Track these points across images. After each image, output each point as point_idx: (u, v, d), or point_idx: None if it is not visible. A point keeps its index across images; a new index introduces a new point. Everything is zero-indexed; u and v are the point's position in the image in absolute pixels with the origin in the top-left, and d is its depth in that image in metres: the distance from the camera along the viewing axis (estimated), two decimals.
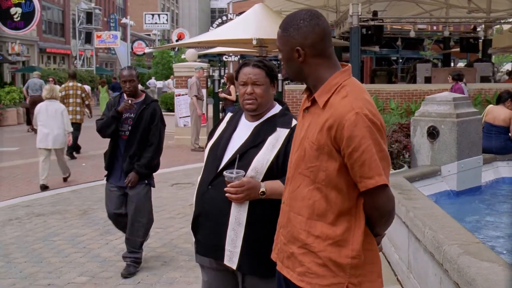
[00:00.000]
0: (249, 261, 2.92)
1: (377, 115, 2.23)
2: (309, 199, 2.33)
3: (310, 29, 2.30)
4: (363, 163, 2.17)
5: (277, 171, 2.90)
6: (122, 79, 5.36)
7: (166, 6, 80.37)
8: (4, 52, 36.00)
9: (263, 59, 3.12)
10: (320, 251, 2.31)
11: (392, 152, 7.08)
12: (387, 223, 2.35)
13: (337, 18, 20.68)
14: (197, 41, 21.10)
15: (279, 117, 3.04)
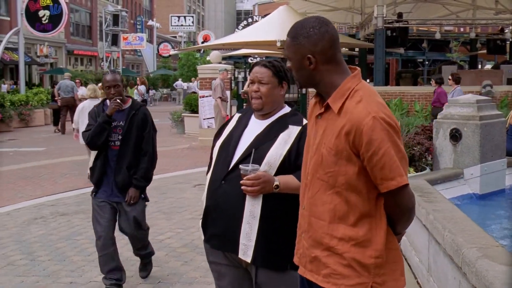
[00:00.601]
0: (264, 254, 2.98)
1: (392, 117, 2.27)
2: (330, 203, 2.37)
3: (320, 36, 2.33)
4: (383, 166, 2.22)
5: (289, 166, 2.98)
6: (106, 84, 4.88)
7: (192, 8, 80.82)
8: (32, 54, 36.62)
9: (275, 60, 3.17)
10: (344, 252, 2.35)
11: (414, 155, 7.04)
12: (409, 220, 2.42)
13: (362, 20, 20.59)
14: (221, 43, 21.22)
15: (290, 116, 3.14)
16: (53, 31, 23.83)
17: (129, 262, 5.85)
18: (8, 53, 31.64)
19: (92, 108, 5.11)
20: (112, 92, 4.88)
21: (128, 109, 4.98)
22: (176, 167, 12.13)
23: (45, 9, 22.98)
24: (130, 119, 4.92)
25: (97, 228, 4.95)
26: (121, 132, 4.90)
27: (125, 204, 4.93)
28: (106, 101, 5.04)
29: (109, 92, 4.89)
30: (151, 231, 6.92)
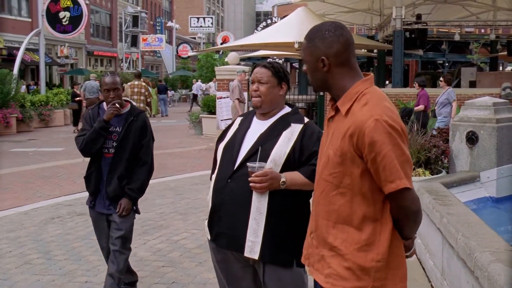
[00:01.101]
0: (271, 250, 3.04)
1: (398, 120, 2.30)
2: (334, 204, 2.41)
3: (335, 39, 2.39)
4: (384, 168, 2.26)
5: (294, 163, 3.08)
6: (105, 87, 4.48)
7: (211, 10, 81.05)
8: (53, 55, 37.01)
9: (276, 62, 3.34)
10: (346, 254, 2.38)
11: (430, 157, 7.00)
12: (415, 224, 2.42)
13: (381, 21, 20.51)
14: (239, 44, 21.23)
15: (292, 115, 3.25)
16: (73, 32, 24.07)
17: (143, 263, 5.90)
18: (29, 54, 32.00)
19: (86, 111, 4.80)
20: (111, 96, 4.48)
21: (126, 114, 4.57)
22: (193, 168, 12.17)
23: (66, 10, 23.24)
24: (127, 126, 4.52)
25: (99, 240, 4.76)
26: (117, 138, 4.49)
27: (116, 215, 4.51)
28: (102, 104, 4.66)
29: (107, 96, 4.49)
30: (166, 232, 7.05)
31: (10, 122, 19.79)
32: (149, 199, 8.99)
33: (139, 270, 5.65)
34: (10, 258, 6.14)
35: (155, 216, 7.88)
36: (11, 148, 16.16)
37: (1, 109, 19.42)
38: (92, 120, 4.53)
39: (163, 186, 10.17)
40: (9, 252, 6.34)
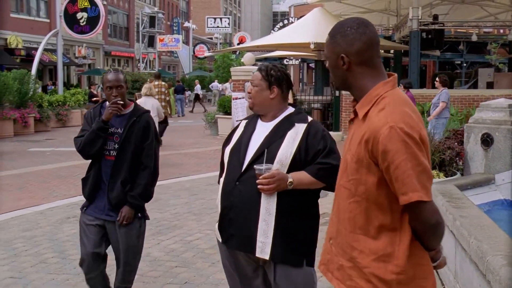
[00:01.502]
0: (281, 250, 3.09)
1: (416, 127, 2.15)
2: (350, 212, 2.31)
3: (357, 36, 2.28)
4: (397, 179, 2.13)
5: (300, 163, 3.13)
6: (107, 84, 4.19)
7: (228, 10, 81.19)
8: (71, 55, 37.33)
9: (274, 66, 3.36)
10: (364, 267, 2.27)
11: (444, 159, 6.96)
12: (434, 237, 2.27)
13: (398, 21, 20.43)
14: (256, 44, 21.30)
15: (295, 115, 3.30)
16: (90, 33, 24.26)
17: (157, 263, 5.93)
18: (47, 54, 32.31)
19: (88, 110, 4.45)
20: (113, 94, 4.16)
21: (129, 114, 4.27)
22: (208, 168, 12.20)
23: (83, 11, 23.43)
24: (129, 126, 4.22)
25: (82, 249, 4.30)
26: (118, 140, 4.20)
27: (118, 224, 4.22)
28: (106, 103, 4.31)
29: (110, 94, 4.18)
30: (180, 232, 7.08)
31: (28, 122, 19.98)
32: (163, 199, 9.05)
33: (152, 270, 5.71)
34: (26, 257, 6.21)
35: (169, 216, 7.92)
36: (28, 147, 16.31)
37: (19, 109, 19.61)
38: (92, 120, 4.25)
39: (178, 186, 10.22)
40: (25, 251, 6.41)
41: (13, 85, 19.01)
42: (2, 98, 18.66)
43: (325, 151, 3.13)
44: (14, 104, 19.57)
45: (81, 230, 4.34)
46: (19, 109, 19.62)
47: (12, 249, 6.48)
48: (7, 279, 5.53)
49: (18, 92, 19.49)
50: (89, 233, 4.26)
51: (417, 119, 2.21)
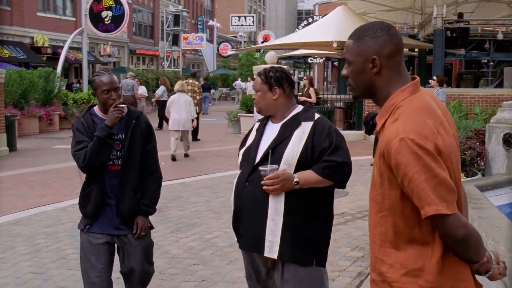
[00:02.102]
0: (289, 248, 3.12)
1: (431, 137, 2.03)
2: (381, 226, 2.23)
3: (388, 38, 2.18)
4: (412, 192, 2.04)
5: (307, 162, 3.15)
6: (104, 87, 3.79)
7: (253, 8, 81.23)
8: (96, 53, 37.71)
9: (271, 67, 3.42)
10: (394, 281, 2.18)
11: (465, 159, 6.89)
12: (467, 250, 2.11)
13: (422, 20, 20.24)
14: (279, 43, 21.27)
15: (302, 114, 3.32)
16: (115, 32, 24.46)
17: (175, 260, 5.97)
18: (73, 52, 32.65)
19: (76, 119, 3.96)
20: (112, 97, 3.79)
21: (126, 117, 3.87)
22: (230, 166, 12.23)
23: (108, 10, 23.64)
24: (132, 131, 3.88)
25: (90, 272, 3.85)
26: (121, 147, 3.84)
27: (132, 237, 3.90)
28: (93, 109, 3.95)
29: (108, 97, 3.79)
30: (199, 230, 7.13)
31: (53, 119, 20.24)
32: (184, 197, 9.11)
33: (170, 268, 5.76)
34: (47, 252, 6.30)
35: (189, 214, 7.96)
36: (53, 144, 16.53)
37: (45, 107, 19.87)
38: (87, 129, 3.81)
39: (199, 184, 10.27)
40: (46, 247, 6.51)
41: (39, 83, 19.25)
42: (28, 95, 18.91)
43: (330, 148, 3.13)
44: (39, 102, 19.84)
45: (85, 252, 3.87)
46: (44, 106, 19.88)
47: (34, 245, 6.59)
48: (28, 274, 5.62)
49: (43, 90, 19.74)
50: (98, 251, 3.83)
51: (436, 125, 2.09)
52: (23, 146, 15.83)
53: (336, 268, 5.59)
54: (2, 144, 14.41)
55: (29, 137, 18.06)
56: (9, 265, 5.91)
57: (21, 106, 18.52)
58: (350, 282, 5.21)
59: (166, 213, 7.96)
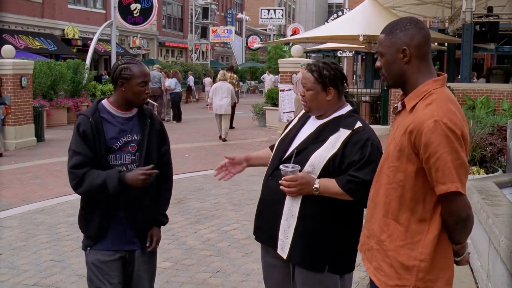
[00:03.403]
0: (299, 252, 3.02)
1: (459, 124, 2.28)
2: (386, 197, 2.46)
3: (417, 31, 2.42)
4: (437, 169, 2.26)
5: (333, 170, 2.97)
6: (142, 79, 3.26)
7: (283, 1, 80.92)
8: (126, 46, 38.02)
9: (324, 63, 3.12)
10: (389, 250, 2.44)
11: (485, 156, 6.81)
12: (463, 230, 2.40)
13: (452, 14, 19.97)
14: (305, 36, 21.20)
15: (345, 119, 3.09)
16: (143, 24, 24.56)
17: (191, 251, 6.03)
18: (102, 44, 32.98)
19: (82, 117, 3.26)
20: (147, 91, 3.33)
21: (138, 115, 3.39)
22: None
23: (137, 2, 23.74)
24: (149, 131, 3.38)
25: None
26: (136, 149, 3.32)
27: (141, 252, 3.42)
28: (102, 103, 3.36)
29: (143, 90, 3.28)
30: (218, 221, 7.19)
31: (81, 110, 20.47)
32: (206, 188, 9.18)
33: (186, 258, 5.82)
34: (68, 241, 6.42)
35: (209, 206, 8.02)
36: None
37: (73, 98, 20.12)
38: (95, 134, 3.20)
39: None
40: (67, 236, 6.63)
41: (67, 74, 19.50)
42: (56, 87, 19.18)
43: (360, 163, 2.92)
44: (68, 93, 20.09)
45: (95, 272, 3.35)
46: (73, 98, 20.13)
47: (55, 233, 6.72)
48: (48, 262, 5.74)
49: (72, 81, 19.99)
50: (111, 269, 3.33)
51: (461, 117, 2.34)
52: (51, 136, 16.09)
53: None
54: (30, 135, 14.67)
55: (57, 128, 18.34)
56: (30, 252, 6.04)
57: (50, 97, 18.78)
58: (364, 277, 5.20)
59: (186, 205, 8.02)
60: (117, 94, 3.31)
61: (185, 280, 5.25)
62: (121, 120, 3.31)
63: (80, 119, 3.26)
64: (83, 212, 3.35)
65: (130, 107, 3.35)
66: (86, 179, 3.15)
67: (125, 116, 3.34)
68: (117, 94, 3.31)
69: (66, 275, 5.39)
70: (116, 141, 3.26)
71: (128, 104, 3.32)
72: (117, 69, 3.26)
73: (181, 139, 15.58)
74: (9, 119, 14.01)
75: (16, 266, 5.62)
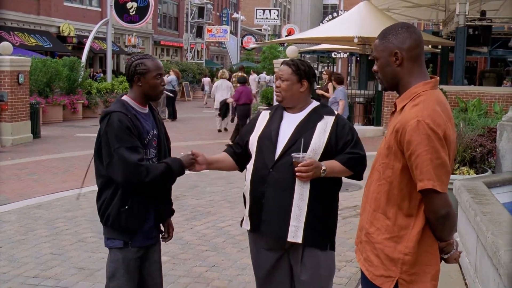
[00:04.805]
0: (312, 234, 3.29)
1: (442, 125, 2.40)
2: (377, 193, 2.59)
3: (408, 35, 2.55)
4: (416, 166, 2.39)
5: (332, 152, 3.33)
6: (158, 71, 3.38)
7: (278, 2, 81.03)
8: (121, 44, 38.08)
9: (300, 60, 3.51)
10: (376, 242, 2.57)
11: (475, 156, 6.97)
12: (444, 228, 2.50)
13: (446, 17, 20.16)
14: (301, 37, 21.33)
15: (321, 108, 3.49)
16: (139, 23, 24.76)
17: (188, 246, 6.17)
18: (98, 42, 33.03)
19: (118, 114, 3.24)
20: (163, 83, 3.47)
21: (151, 111, 3.54)
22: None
23: (133, 1, 23.93)
24: (161, 125, 3.58)
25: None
26: (157, 144, 3.46)
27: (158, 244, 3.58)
28: (124, 99, 3.41)
29: (160, 82, 3.41)
30: (213, 218, 7.32)
31: (76, 108, 20.56)
32: (201, 186, 9.31)
33: (183, 253, 5.95)
34: (66, 235, 6.55)
35: (204, 203, 8.16)
36: (76, 133, 16.85)
37: (69, 95, 20.21)
38: (134, 130, 3.25)
39: (215, 174, 10.40)
40: (65, 230, 6.76)
41: (63, 72, 19.58)
42: (52, 84, 19.26)
43: (353, 142, 3.35)
44: (64, 91, 20.18)
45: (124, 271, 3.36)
46: (68, 95, 20.22)
47: (54, 228, 6.84)
48: (48, 255, 5.87)
49: (68, 79, 20.07)
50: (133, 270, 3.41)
51: (446, 119, 2.45)
52: (46, 133, 16.18)
53: (344, 258, 5.74)
54: (27, 131, 14.77)
55: (53, 125, 18.42)
56: (30, 246, 6.17)
57: (46, 94, 18.87)
58: (355, 272, 5.36)
59: (182, 202, 8.16)
60: (134, 90, 3.40)
61: (182, 273, 5.39)
62: (143, 116, 3.42)
63: (119, 115, 3.23)
64: (123, 211, 3.26)
65: (147, 101, 3.47)
66: (150, 169, 3.20)
67: (144, 111, 3.45)
68: (134, 90, 3.40)
69: (65, 268, 5.51)
70: (147, 136, 3.37)
71: (146, 98, 3.43)
72: (131, 66, 3.36)
73: (176, 137, 15.66)
74: (5, 115, 14.12)
75: (16, 259, 5.74)
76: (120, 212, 3.27)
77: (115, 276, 3.36)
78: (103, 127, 3.27)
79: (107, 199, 3.30)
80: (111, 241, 3.37)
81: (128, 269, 3.35)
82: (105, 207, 3.32)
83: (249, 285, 5.03)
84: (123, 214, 3.27)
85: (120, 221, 3.28)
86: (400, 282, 2.50)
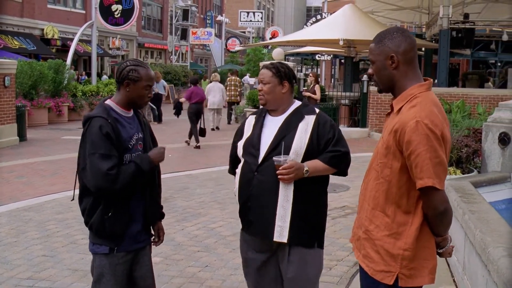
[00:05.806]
0: (297, 233, 3.38)
1: (439, 126, 2.51)
2: (376, 191, 2.70)
3: (403, 39, 2.65)
4: (416, 165, 2.49)
5: (313, 152, 3.40)
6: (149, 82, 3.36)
7: (262, 4, 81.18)
8: (105, 46, 37.97)
9: (279, 63, 3.60)
10: (376, 239, 2.68)
11: (461, 157, 7.11)
12: (442, 223, 2.62)
13: (429, 19, 20.39)
14: (286, 40, 21.45)
15: (303, 108, 3.56)
16: (124, 25, 24.72)
17: (180, 247, 6.22)
18: (82, 45, 32.92)
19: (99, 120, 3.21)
20: (149, 95, 3.42)
21: (135, 114, 3.50)
22: None
23: (118, 3, 23.90)
24: (147, 128, 3.55)
25: None
26: (142, 147, 3.42)
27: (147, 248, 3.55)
28: (107, 103, 3.37)
29: (147, 94, 3.39)
30: (204, 219, 7.38)
31: (62, 110, 20.47)
32: (191, 188, 9.37)
33: (175, 254, 6.01)
34: (58, 237, 6.57)
35: (194, 205, 8.21)
36: (62, 135, 16.78)
37: (54, 98, 20.13)
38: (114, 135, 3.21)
39: (205, 176, 10.52)
40: (56, 232, 6.77)
41: (49, 75, 19.51)
42: (38, 87, 19.17)
43: (334, 139, 3.42)
44: (49, 93, 20.08)
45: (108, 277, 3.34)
46: (53, 98, 20.13)
47: (45, 230, 6.86)
48: (40, 257, 5.89)
49: (53, 82, 19.99)
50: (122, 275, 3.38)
51: (442, 119, 2.56)
52: (33, 136, 16.10)
53: (334, 257, 5.83)
54: (13, 134, 14.70)
55: (39, 128, 18.34)
56: (21, 248, 6.18)
57: (31, 97, 18.78)
58: (346, 271, 5.44)
59: (172, 203, 8.21)
60: (121, 93, 3.37)
61: (176, 274, 5.45)
62: (127, 120, 3.39)
63: (99, 121, 3.21)
64: (109, 217, 3.24)
65: (131, 107, 3.43)
66: (120, 176, 3.17)
67: (128, 115, 3.42)
68: (121, 93, 3.37)
69: (58, 269, 5.54)
70: (130, 140, 3.33)
71: (131, 105, 3.41)
72: (124, 70, 3.33)
73: (163, 139, 15.63)
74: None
75: (8, 261, 5.76)
76: (103, 220, 3.24)
77: (101, 281, 3.34)
78: (84, 131, 3.27)
79: (90, 206, 3.26)
80: (97, 246, 3.35)
81: (115, 273, 3.32)
82: (88, 214, 3.29)
83: (242, 285, 5.09)
84: (107, 222, 3.24)
85: (105, 228, 3.25)
86: (400, 276, 2.62)
